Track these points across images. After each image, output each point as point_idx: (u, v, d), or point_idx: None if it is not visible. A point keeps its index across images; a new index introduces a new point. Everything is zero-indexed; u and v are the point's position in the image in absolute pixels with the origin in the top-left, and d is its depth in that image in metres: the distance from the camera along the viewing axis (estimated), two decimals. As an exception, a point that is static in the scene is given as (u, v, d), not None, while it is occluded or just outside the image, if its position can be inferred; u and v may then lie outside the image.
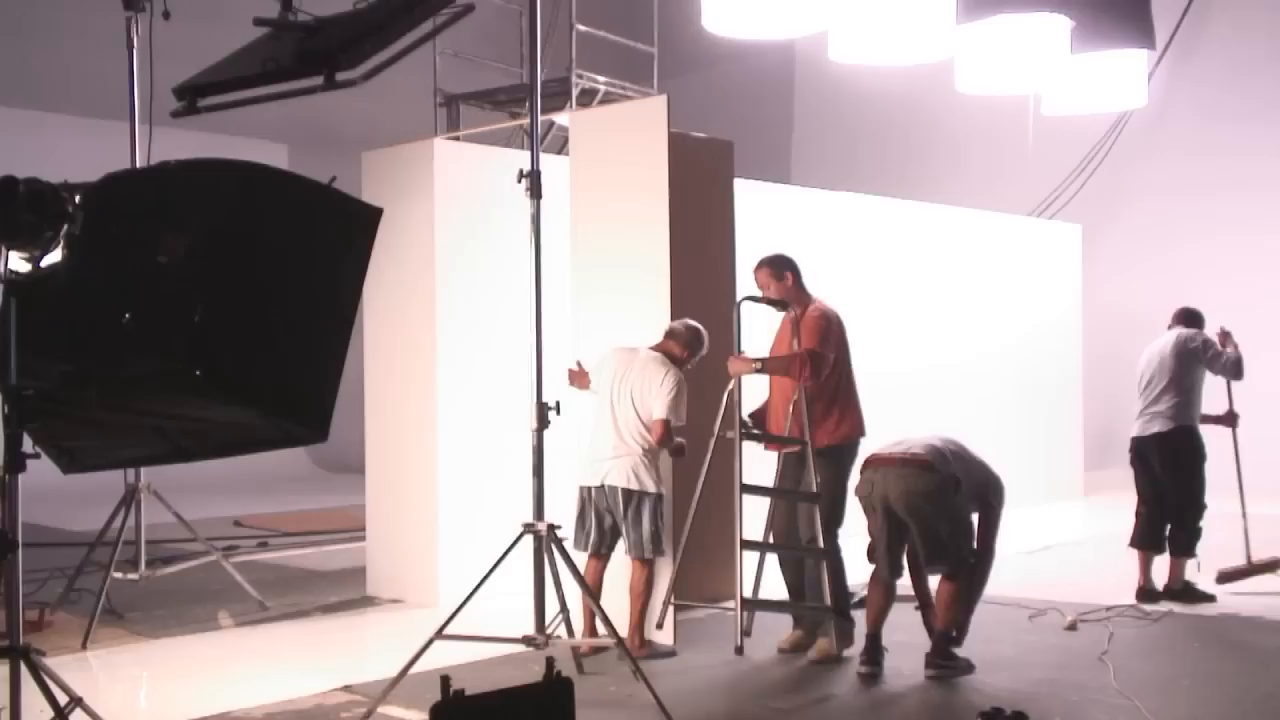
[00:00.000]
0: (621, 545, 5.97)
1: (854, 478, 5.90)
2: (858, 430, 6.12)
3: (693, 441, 6.01)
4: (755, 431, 6.04)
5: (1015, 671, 5.74)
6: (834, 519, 5.96)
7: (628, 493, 5.86)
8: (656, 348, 6.08)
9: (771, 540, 6.12)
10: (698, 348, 6.11)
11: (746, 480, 5.73)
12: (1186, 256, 12.88)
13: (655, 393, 5.85)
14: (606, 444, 5.91)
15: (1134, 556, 7.31)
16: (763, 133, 16.97)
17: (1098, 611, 6.76)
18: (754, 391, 6.10)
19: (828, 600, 5.78)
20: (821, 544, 5.83)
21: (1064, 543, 9.38)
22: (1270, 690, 5.39)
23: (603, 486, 5.89)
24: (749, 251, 9.63)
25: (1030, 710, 4.30)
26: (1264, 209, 12.44)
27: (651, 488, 5.89)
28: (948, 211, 11.53)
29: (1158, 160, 13.21)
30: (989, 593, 7.23)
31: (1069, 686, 5.43)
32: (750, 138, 17.26)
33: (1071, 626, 6.55)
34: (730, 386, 5.81)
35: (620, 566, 6.02)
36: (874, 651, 5.65)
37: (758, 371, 5.85)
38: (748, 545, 5.76)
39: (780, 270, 6.14)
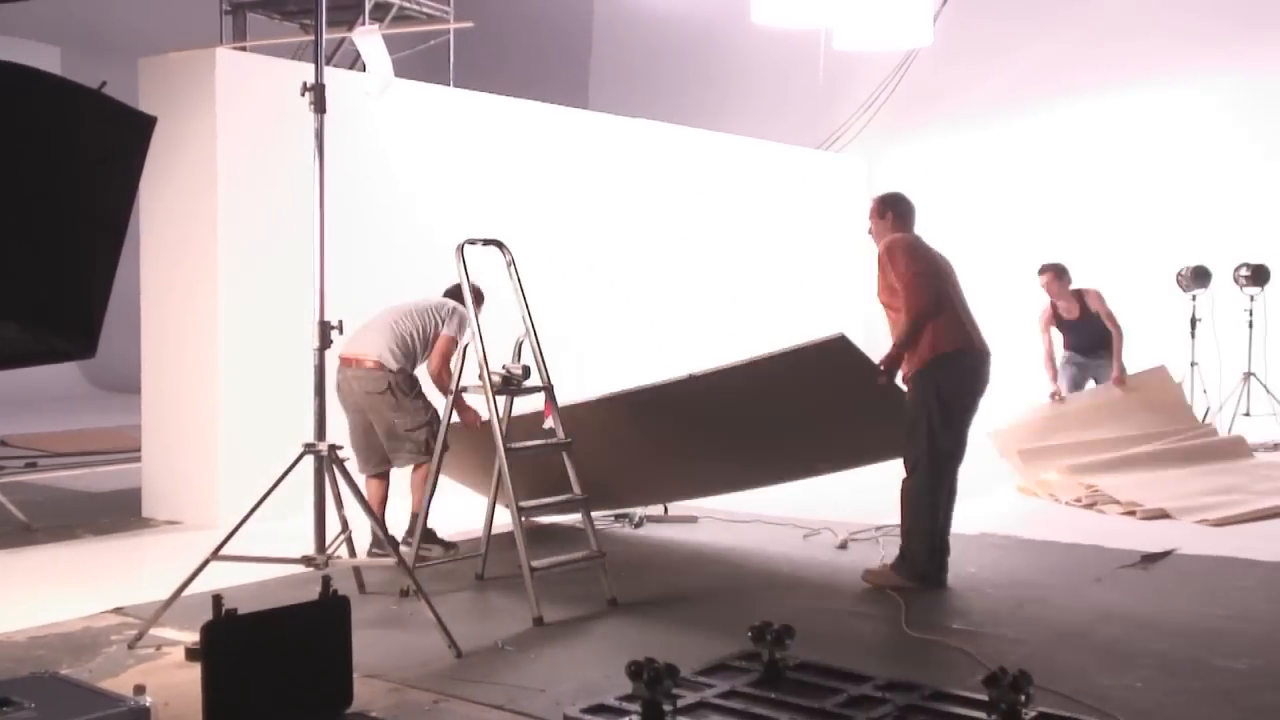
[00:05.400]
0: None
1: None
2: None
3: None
4: (514, 386, 5.82)
5: (788, 588, 5.99)
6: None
7: None
8: None
9: None
10: None
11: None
12: (968, 195, 13.42)
13: None
14: None
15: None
16: (561, 56, 16.87)
17: (868, 530, 7.08)
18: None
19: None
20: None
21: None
22: (1023, 596, 5.75)
23: None
24: (545, 179, 9.64)
25: (797, 624, 4.49)
26: (1045, 150, 13.04)
27: None
28: (738, 141, 11.73)
29: (942, 99, 13.66)
30: (766, 512, 7.53)
31: (838, 600, 5.71)
32: (549, 61, 17.16)
33: (843, 545, 6.86)
34: (465, 341, 5.75)
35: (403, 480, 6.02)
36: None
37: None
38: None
39: (882, 208, 6.16)
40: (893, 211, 6.16)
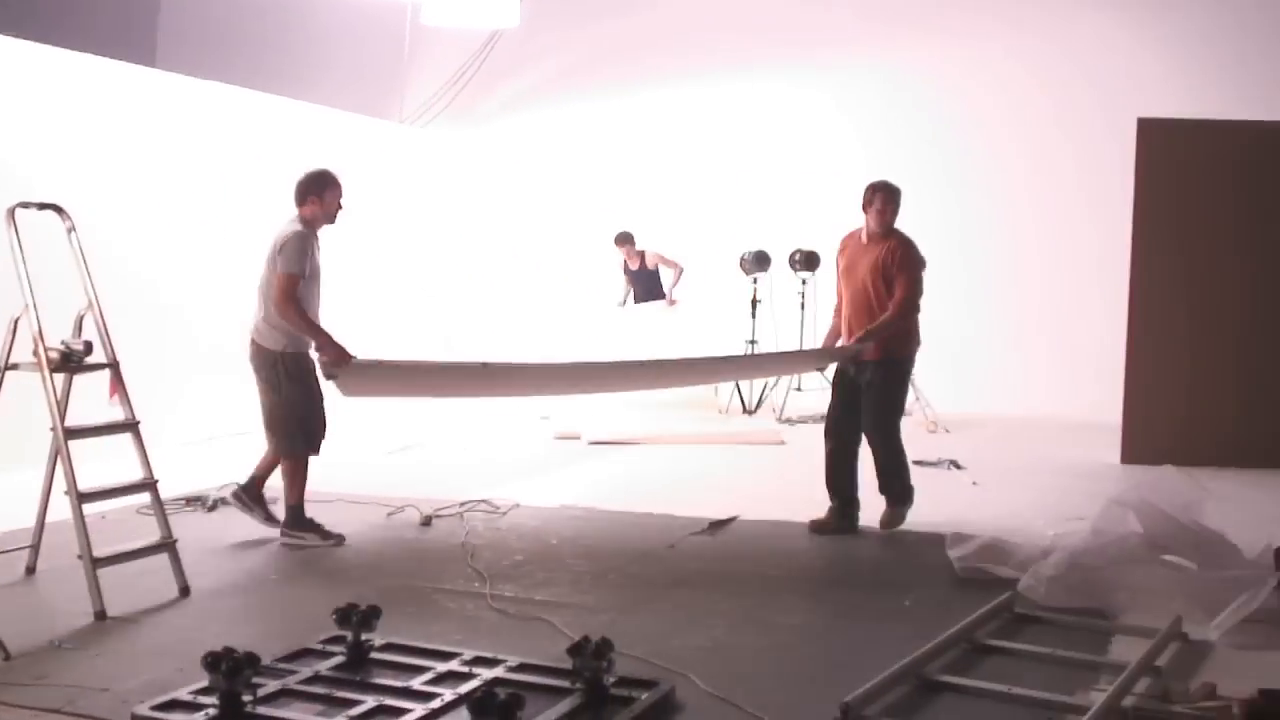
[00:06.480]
0: None
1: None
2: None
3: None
4: (75, 363, 5.33)
5: (373, 568, 5.90)
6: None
7: None
8: None
9: None
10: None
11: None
12: (549, 172, 13.71)
13: None
14: None
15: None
16: (127, 8, 15.73)
17: (452, 507, 7.10)
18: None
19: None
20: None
21: (423, 444, 9.69)
22: (604, 565, 5.94)
23: None
24: (108, 140, 8.99)
25: (384, 604, 4.45)
26: (623, 131, 13.52)
27: None
28: (317, 110, 11.42)
29: (527, 77, 13.87)
30: (349, 491, 7.40)
31: (423, 578, 5.68)
32: (112, 12, 15.92)
33: (426, 522, 6.84)
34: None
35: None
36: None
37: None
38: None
39: (897, 198, 6.56)
40: (897, 203, 6.58)
